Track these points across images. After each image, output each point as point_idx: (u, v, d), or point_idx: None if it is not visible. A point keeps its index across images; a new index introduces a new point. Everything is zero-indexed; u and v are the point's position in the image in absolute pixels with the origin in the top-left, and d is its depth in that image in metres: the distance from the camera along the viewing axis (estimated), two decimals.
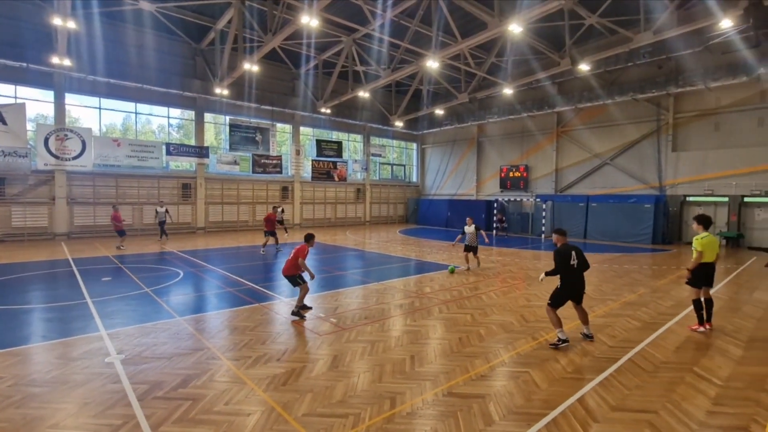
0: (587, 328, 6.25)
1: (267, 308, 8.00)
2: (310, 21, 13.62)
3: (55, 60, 15.77)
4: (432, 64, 17.67)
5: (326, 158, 28.36)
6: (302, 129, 27.57)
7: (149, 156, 21.01)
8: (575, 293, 6.05)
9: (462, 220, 12.49)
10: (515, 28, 13.85)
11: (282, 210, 20.84)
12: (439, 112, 27.62)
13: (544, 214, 22.89)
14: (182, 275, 11.05)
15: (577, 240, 20.79)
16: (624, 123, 21.97)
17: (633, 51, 18.06)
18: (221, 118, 24.51)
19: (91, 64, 18.46)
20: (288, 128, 27.30)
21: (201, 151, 22.86)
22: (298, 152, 27.15)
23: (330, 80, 23.58)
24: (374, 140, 31.60)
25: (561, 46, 18.50)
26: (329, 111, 25.46)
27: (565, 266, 5.91)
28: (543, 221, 22.79)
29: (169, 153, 21.79)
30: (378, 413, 4.09)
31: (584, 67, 18.25)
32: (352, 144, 31.28)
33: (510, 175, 27.26)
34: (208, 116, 23.95)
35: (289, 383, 4.73)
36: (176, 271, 11.53)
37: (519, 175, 26.75)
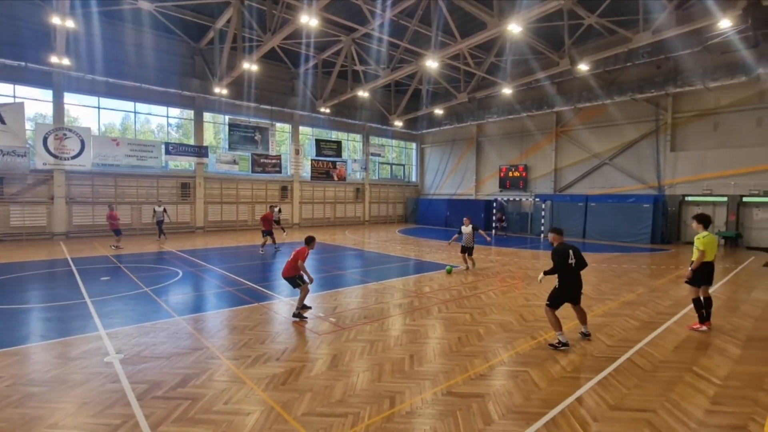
0: (585, 327, 6.27)
1: (266, 308, 8.00)
2: (310, 20, 13.62)
3: (54, 59, 15.74)
4: (431, 64, 17.67)
5: (325, 158, 28.36)
6: (301, 128, 27.55)
7: (148, 155, 20.98)
8: (573, 292, 6.03)
9: (461, 220, 12.49)
10: (514, 28, 13.87)
11: (279, 210, 20.81)
12: (439, 112, 27.64)
13: (543, 214, 22.90)
14: (181, 275, 11.04)
15: (576, 240, 20.81)
16: (623, 123, 22.00)
17: (632, 51, 18.10)
18: (220, 118, 24.49)
19: (90, 64, 18.43)
20: (287, 128, 27.28)
21: (200, 151, 22.82)
22: (298, 152, 27.14)
23: (329, 80, 23.59)
24: (373, 140, 31.59)
25: (560, 46, 18.51)
26: (328, 110, 25.45)
27: (564, 265, 5.90)
28: (542, 221, 22.79)
29: (168, 152, 21.76)
30: (377, 412, 4.09)
31: (583, 67, 18.29)
32: (352, 144, 31.27)
33: (509, 175, 27.27)
34: (207, 116, 23.91)
35: (289, 383, 4.73)
36: (175, 271, 11.52)
37: (518, 175, 26.77)
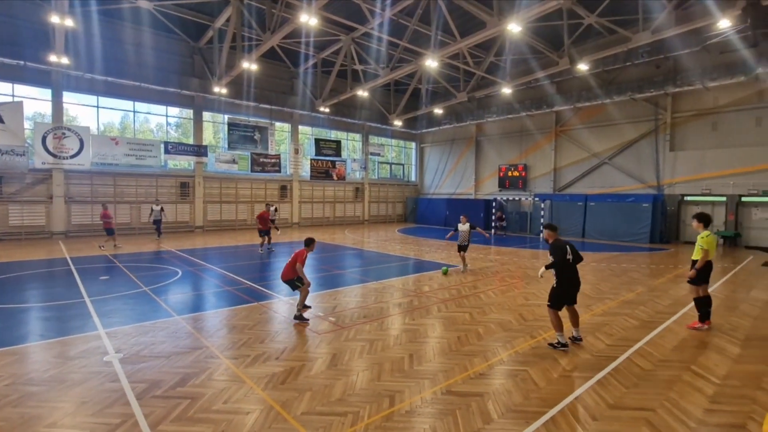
0: (576, 331, 6.11)
1: (266, 307, 7.99)
2: (309, 19, 13.62)
3: (53, 58, 15.71)
4: (431, 63, 17.67)
5: (325, 157, 28.35)
6: (301, 128, 27.52)
7: (147, 155, 20.95)
8: (572, 291, 5.97)
9: (460, 219, 12.48)
10: (514, 28, 13.88)
11: (275, 209, 20.75)
12: (438, 112, 27.64)
13: (543, 213, 22.92)
14: (180, 274, 11.03)
15: (576, 239, 20.82)
16: (622, 122, 22.01)
17: (631, 50, 18.13)
18: (220, 117, 24.46)
19: (89, 63, 18.40)
20: (287, 127, 27.26)
21: (199, 150, 22.80)
22: (297, 151, 27.11)
23: (329, 79, 23.58)
24: (373, 139, 31.58)
25: (560, 46, 18.52)
26: (328, 110, 25.44)
27: (562, 261, 5.86)
28: (541, 220, 22.78)
29: (168, 152, 21.73)
30: (377, 411, 4.10)
31: (583, 67, 18.29)
32: (351, 143, 31.25)
33: (509, 175, 27.28)
34: (207, 115, 23.88)
35: (288, 382, 4.73)
36: (174, 270, 11.51)
37: (517, 175, 26.78)
